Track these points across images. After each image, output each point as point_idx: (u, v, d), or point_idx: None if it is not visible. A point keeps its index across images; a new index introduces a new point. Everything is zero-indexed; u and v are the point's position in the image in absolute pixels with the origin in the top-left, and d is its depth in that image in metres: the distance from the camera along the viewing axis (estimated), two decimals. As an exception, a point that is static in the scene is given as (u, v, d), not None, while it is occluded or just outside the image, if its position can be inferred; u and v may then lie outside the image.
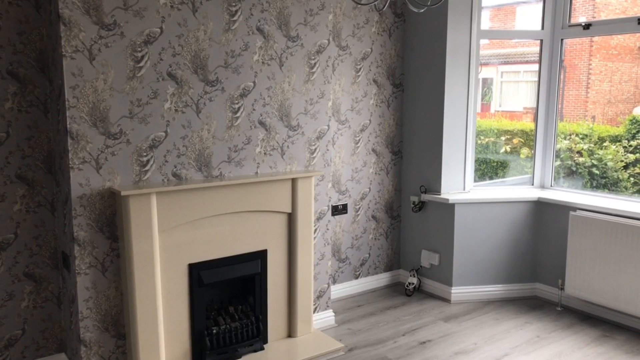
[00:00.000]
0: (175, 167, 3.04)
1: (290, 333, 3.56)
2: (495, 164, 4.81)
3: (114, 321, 2.96)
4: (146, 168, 2.94)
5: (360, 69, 4.24)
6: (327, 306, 3.85)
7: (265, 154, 3.37)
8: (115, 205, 2.87)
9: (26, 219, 2.99)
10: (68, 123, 2.68)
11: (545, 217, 4.24)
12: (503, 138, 4.82)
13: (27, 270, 3.03)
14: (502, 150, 4.81)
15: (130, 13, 2.79)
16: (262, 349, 3.37)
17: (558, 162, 4.46)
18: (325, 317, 3.82)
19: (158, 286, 2.94)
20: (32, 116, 2.94)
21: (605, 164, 4.36)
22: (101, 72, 2.74)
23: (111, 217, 2.88)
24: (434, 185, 4.34)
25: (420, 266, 4.51)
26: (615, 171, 4.32)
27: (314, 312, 3.75)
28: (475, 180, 4.47)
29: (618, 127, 4.39)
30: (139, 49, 2.84)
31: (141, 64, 2.86)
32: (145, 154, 2.93)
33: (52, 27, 2.77)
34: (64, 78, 2.64)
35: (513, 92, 5.19)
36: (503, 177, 4.80)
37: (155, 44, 2.88)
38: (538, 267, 4.34)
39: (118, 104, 2.81)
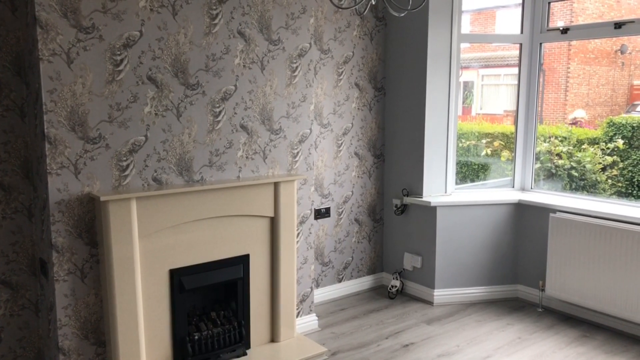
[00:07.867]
0: (156, 171, 3.01)
1: (273, 338, 3.54)
2: (476, 166, 4.85)
3: (93, 328, 2.91)
4: (126, 173, 2.91)
5: (342, 72, 4.24)
6: (310, 310, 3.84)
7: (247, 157, 3.36)
8: (94, 211, 2.83)
9: (2, 225, 2.93)
10: (45, 127, 2.64)
11: (526, 219, 4.28)
12: (484, 141, 4.86)
13: (3, 277, 2.96)
14: (483, 153, 4.85)
15: (109, 16, 2.75)
16: (245, 354, 3.35)
17: (538, 165, 4.51)
18: (308, 321, 3.81)
19: (138, 292, 2.90)
20: (9, 120, 2.88)
21: (584, 166, 4.42)
22: (79, 76, 2.70)
23: (90, 222, 2.83)
24: (416, 188, 4.36)
25: (403, 269, 4.52)
26: (594, 173, 4.38)
27: (297, 316, 3.74)
28: (456, 183, 4.49)
29: (596, 129, 4.46)
30: (118, 53, 2.81)
31: (120, 68, 2.82)
32: (125, 158, 2.89)
33: (29, 30, 2.72)
34: (41, 82, 2.60)
35: (494, 95, 5.24)
36: (484, 179, 4.84)
37: (135, 47, 2.85)
38: (519, 268, 4.38)
39: (97, 108, 2.77)
